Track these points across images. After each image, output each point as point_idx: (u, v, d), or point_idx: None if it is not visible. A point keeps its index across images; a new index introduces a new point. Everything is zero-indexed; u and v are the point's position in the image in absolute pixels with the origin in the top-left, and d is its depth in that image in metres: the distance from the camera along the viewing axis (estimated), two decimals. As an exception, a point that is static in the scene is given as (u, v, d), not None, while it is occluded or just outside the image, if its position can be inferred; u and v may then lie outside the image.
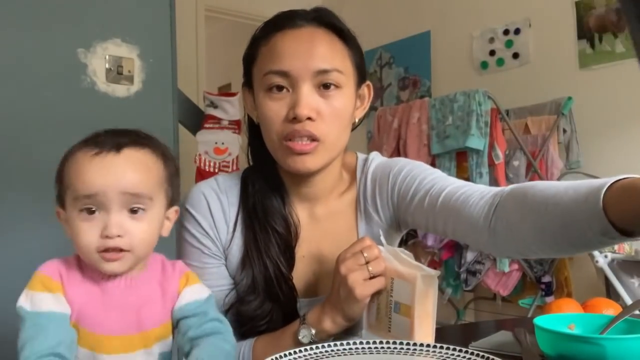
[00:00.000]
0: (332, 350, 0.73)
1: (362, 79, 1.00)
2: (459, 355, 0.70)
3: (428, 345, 0.73)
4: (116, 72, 1.91)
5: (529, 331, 0.91)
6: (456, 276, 3.09)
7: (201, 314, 0.74)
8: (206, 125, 2.81)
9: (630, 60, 2.85)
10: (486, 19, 3.49)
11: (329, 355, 0.72)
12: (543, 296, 2.85)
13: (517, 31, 3.34)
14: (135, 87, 1.95)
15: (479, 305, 3.46)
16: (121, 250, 0.67)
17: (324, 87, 0.92)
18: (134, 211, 0.68)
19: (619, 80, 2.89)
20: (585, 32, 3.02)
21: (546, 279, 2.86)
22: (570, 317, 0.88)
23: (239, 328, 0.96)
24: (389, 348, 0.73)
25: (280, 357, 0.68)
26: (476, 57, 3.55)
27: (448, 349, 0.71)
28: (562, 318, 0.88)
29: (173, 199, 0.76)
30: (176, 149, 2.05)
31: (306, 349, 0.72)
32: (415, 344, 0.73)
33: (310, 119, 0.90)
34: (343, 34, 0.95)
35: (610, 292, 2.46)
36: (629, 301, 2.30)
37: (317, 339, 0.87)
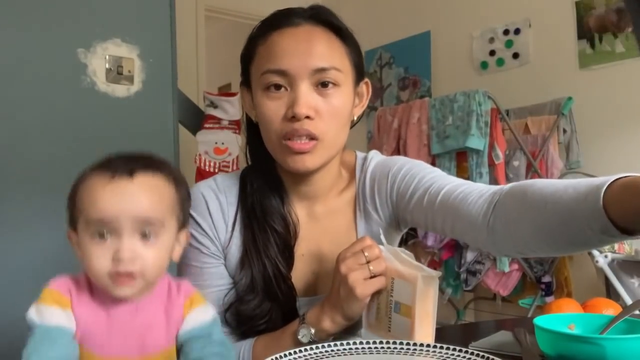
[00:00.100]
0: (332, 350, 0.73)
1: (360, 77, 0.99)
2: (459, 355, 0.70)
3: (428, 345, 0.73)
4: (116, 72, 1.91)
5: (529, 331, 0.91)
6: (456, 276, 3.09)
7: (205, 337, 0.73)
8: (206, 125, 2.81)
9: (630, 60, 2.86)
10: (486, 19, 3.49)
11: (329, 355, 0.72)
12: (543, 296, 2.85)
13: (517, 31, 3.34)
14: (135, 87, 1.95)
15: (479, 305, 3.46)
16: (132, 275, 0.67)
17: (322, 85, 0.91)
18: (145, 236, 0.68)
19: (619, 80, 2.89)
20: (585, 32, 3.02)
21: (546, 279, 2.86)
22: (570, 317, 0.88)
23: (238, 327, 0.96)
24: (389, 348, 0.73)
25: (280, 357, 0.68)
26: (476, 57, 3.55)
27: (448, 349, 0.71)
28: (562, 318, 0.88)
29: (184, 222, 0.75)
30: (176, 149, 2.05)
31: (306, 349, 0.72)
32: (415, 344, 0.73)
33: (309, 118, 0.89)
34: (341, 31, 0.95)
35: (610, 292, 2.46)
36: (629, 301, 2.30)
37: (316, 339, 0.87)
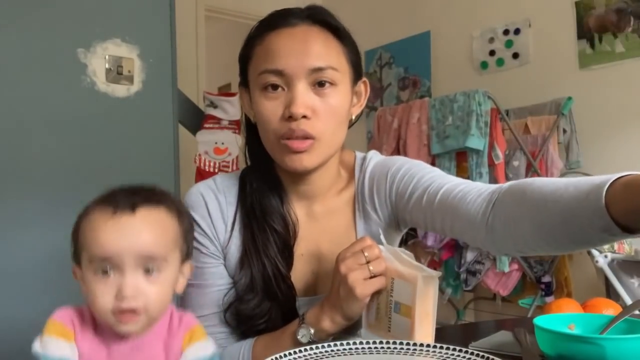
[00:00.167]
0: (332, 350, 0.73)
1: (358, 76, 0.99)
2: (459, 355, 0.70)
3: (428, 345, 0.73)
4: (116, 72, 1.91)
5: (529, 331, 0.91)
6: (456, 276, 3.09)
7: None
8: (206, 125, 2.81)
9: (630, 60, 2.86)
10: (486, 19, 3.49)
11: (329, 355, 0.72)
12: (543, 296, 2.85)
13: (517, 31, 3.34)
14: (135, 87, 1.95)
15: (479, 305, 3.46)
16: (136, 312, 0.67)
17: (319, 84, 0.91)
18: (148, 271, 0.68)
19: (619, 80, 2.89)
20: (585, 32, 3.02)
21: (546, 279, 2.86)
22: (570, 317, 0.88)
23: (238, 327, 0.96)
24: (389, 348, 0.73)
25: (280, 357, 0.68)
26: (476, 57, 3.55)
27: (448, 349, 0.71)
28: (562, 318, 0.88)
29: (187, 254, 0.75)
30: (176, 149, 2.05)
31: (306, 349, 0.72)
32: (415, 344, 0.73)
33: (306, 117, 0.90)
34: (338, 31, 0.95)
35: (610, 292, 2.46)
36: (629, 301, 2.30)
37: (315, 339, 0.87)
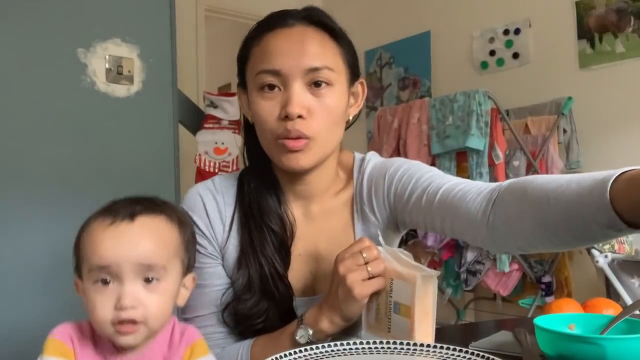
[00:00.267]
0: (332, 350, 0.73)
1: (355, 77, 1.00)
2: (459, 355, 0.70)
3: (428, 345, 0.73)
4: (116, 72, 1.91)
5: (529, 331, 0.91)
6: (456, 276, 3.09)
7: None
8: (206, 125, 2.81)
9: (630, 60, 2.86)
10: (486, 19, 3.49)
11: (329, 355, 0.72)
12: (543, 296, 2.85)
13: (517, 31, 3.34)
14: (135, 87, 1.95)
15: (479, 305, 3.46)
16: (135, 323, 0.66)
17: (315, 85, 0.92)
18: (148, 280, 0.67)
19: (619, 80, 2.89)
20: (585, 32, 3.02)
21: (546, 279, 2.86)
22: (570, 317, 0.88)
23: (236, 327, 0.97)
24: (389, 348, 0.73)
25: (280, 357, 0.68)
26: (476, 57, 3.55)
27: (448, 349, 0.71)
28: (562, 318, 0.88)
29: (189, 266, 0.74)
30: (176, 149, 2.05)
31: (306, 349, 0.72)
32: (415, 344, 0.73)
33: (302, 117, 0.90)
34: (334, 32, 0.96)
35: (610, 292, 2.46)
36: (629, 301, 2.30)
37: (314, 339, 0.87)
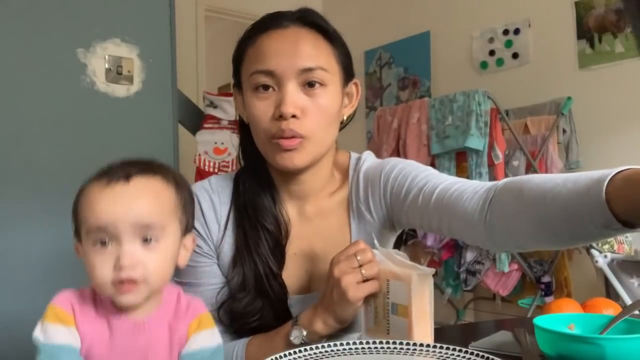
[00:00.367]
0: (332, 350, 0.73)
1: (349, 77, 1.01)
2: (459, 355, 0.70)
3: (428, 345, 0.73)
4: (116, 72, 1.91)
5: (528, 331, 0.92)
6: (456, 276, 3.09)
7: None
8: (206, 125, 2.81)
9: (630, 60, 2.85)
10: (486, 19, 3.49)
11: (329, 355, 0.72)
12: (543, 296, 2.85)
13: (516, 31, 3.34)
14: (135, 87, 1.95)
15: (478, 305, 3.46)
16: (135, 282, 0.66)
17: (308, 85, 0.93)
18: (146, 240, 0.67)
19: (618, 80, 2.89)
20: (585, 32, 3.02)
21: (546, 279, 2.86)
22: (570, 317, 0.88)
23: (231, 325, 0.97)
24: (388, 348, 0.73)
25: (280, 357, 0.68)
26: (476, 57, 3.55)
27: (448, 349, 0.71)
28: (561, 318, 0.88)
29: (188, 226, 0.74)
30: (176, 149, 2.05)
31: (306, 349, 0.72)
32: (415, 344, 0.73)
33: (296, 117, 0.91)
34: (327, 33, 0.97)
35: (610, 292, 2.46)
36: (628, 301, 2.30)
37: (308, 340, 0.87)
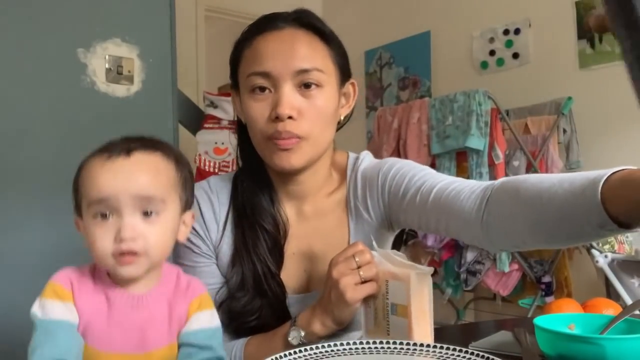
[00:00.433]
0: (332, 350, 0.73)
1: (345, 78, 1.01)
2: (459, 355, 0.70)
3: (428, 345, 0.72)
4: (116, 72, 1.91)
5: (529, 331, 0.91)
6: (456, 276, 3.09)
7: (205, 349, 0.72)
8: (206, 125, 2.81)
9: (630, 60, 2.85)
10: (486, 19, 3.48)
11: (329, 355, 0.72)
12: (543, 296, 2.85)
13: (517, 31, 3.34)
14: (135, 87, 1.95)
15: (479, 305, 3.46)
16: (135, 254, 0.67)
17: (305, 86, 0.93)
18: (147, 214, 0.68)
19: (619, 80, 2.86)
20: (585, 32, 3.02)
21: (546, 279, 2.86)
22: (570, 317, 0.88)
23: (230, 324, 0.98)
24: (389, 348, 0.73)
25: (280, 357, 0.68)
26: (476, 57, 3.55)
27: (448, 349, 0.71)
28: (562, 318, 0.88)
29: (188, 203, 0.75)
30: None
31: (306, 349, 0.72)
32: (415, 344, 0.73)
33: (292, 118, 0.92)
34: (324, 34, 0.97)
35: (610, 292, 2.46)
36: (629, 301, 2.30)
37: (306, 341, 0.88)
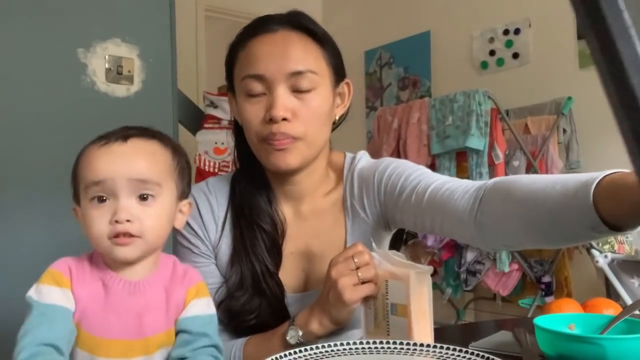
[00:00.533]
0: (332, 350, 0.73)
1: (340, 78, 1.02)
2: (459, 355, 0.70)
3: (428, 345, 0.73)
4: (116, 72, 1.90)
5: (529, 331, 0.91)
6: (456, 276, 3.09)
7: (202, 336, 0.73)
8: (206, 125, 2.81)
9: (630, 60, 2.85)
10: (486, 19, 3.48)
11: (329, 355, 0.72)
12: (543, 296, 2.85)
13: (517, 31, 3.34)
14: (135, 87, 1.95)
15: (479, 305, 3.46)
16: (131, 236, 0.68)
17: (298, 88, 0.94)
18: (143, 198, 0.70)
19: (619, 80, 2.89)
20: (585, 32, 3.02)
21: (546, 279, 2.86)
22: (570, 317, 0.88)
23: (229, 323, 0.99)
24: (389, 348, 0.73)
25: (280, 357, 0.68)
26: (476, 57, 3.55)
27: (448, 349, 0.71)
28: (562, 318, 0.88)
29: (184, 192, 0.77)
30: (176, 149, 2.05)
31: (306, 349, 0.72)
32: (415, 344, 0.73)
33: (286, 120, 0.93)
34: (317, 35, 0.98)
35: (610, 292, 2.46)
36: (629, 301, 2.30)
37: (304, 340, 0.88)
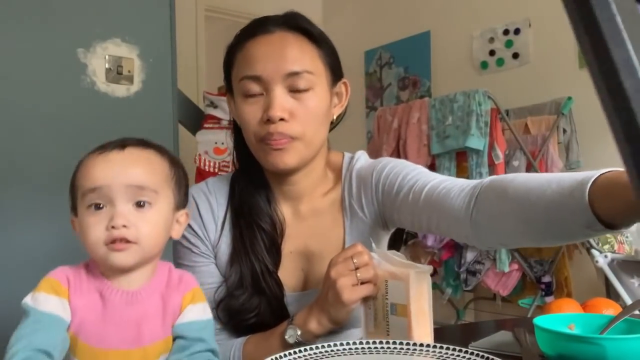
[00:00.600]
0: (332, 350, 0.73)
1: (337, 78, 1.02)
2: (458, 355, 0.70)
3: (428, 345, 0.73)
4: (116, 72, 1.90)
5: (529, 331, 0.92)
6: (456, 276, 3.09)
7: (197, 341, 0.73)
8: (206, 125, 2.81)
9: (630, 60, 2.85)
10: (486, 19, 3.48)
11: (329, 355, 0.72)
12: (543, 296, 2.85)
13: (517, 31, 3.34)
14: (135, 87, 1.95)
15: (479, 305, 3.46)
16: (128, 242, 0.68)
17: (295, 88, 0.95)
18: (140, 205, 0.70)
19: (619, 80, 2.89)
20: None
21: (546, 279, 2.86)
22: (570, 317, 0.88)
23: (229, 322, 1.00)
24: (388, 348, 0.73)
25: (279, 357, 0.68)
26: (476, 57, 3.55)
27: (448, 349, 0.71)
28: (562, 318, 0.88)
29: (181, 202, 0.77)
30: (176, 149, 2.05)
31: (306, 349, 0.72)
32: (415, 344, 0.73)
33: (284, 120, 0.93)
34: (313, 36, 0.98)
35: (610, 292, 2.46)
36: (629, 301, 2.30)
37: (302, 340, 0.89)
